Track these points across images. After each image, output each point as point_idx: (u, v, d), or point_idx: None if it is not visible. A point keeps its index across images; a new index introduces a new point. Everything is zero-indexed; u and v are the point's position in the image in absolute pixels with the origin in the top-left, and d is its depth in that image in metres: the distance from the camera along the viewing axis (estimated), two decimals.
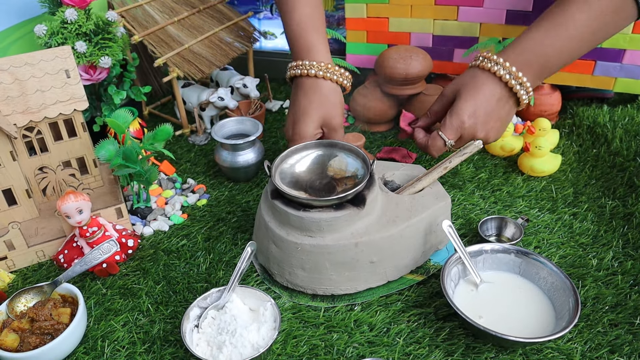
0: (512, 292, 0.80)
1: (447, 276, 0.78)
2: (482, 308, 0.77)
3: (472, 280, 0.81)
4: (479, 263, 0.83)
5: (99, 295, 0.87)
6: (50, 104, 0.93)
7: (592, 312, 0.80)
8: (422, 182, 0.89)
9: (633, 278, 0.84)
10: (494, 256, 0.83)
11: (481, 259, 0.83)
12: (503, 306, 0.78)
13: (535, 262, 0.81)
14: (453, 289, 0.79)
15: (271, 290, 0.86)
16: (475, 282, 0.81)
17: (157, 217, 1.03)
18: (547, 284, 0.79)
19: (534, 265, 0.81)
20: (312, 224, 0.79)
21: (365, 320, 0.80)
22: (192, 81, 1.34)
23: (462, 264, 0.81)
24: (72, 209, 0.87)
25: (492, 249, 0.83)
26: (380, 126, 1.30)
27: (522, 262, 0.82)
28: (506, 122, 0.98)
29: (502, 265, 0.83)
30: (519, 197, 1.04)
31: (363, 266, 0.81)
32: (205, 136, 1.31)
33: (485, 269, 0.83)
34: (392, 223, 0.83)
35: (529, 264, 0.81)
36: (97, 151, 0.93)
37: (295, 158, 0.89)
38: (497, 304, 0.78)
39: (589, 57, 1.19)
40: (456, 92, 0.97)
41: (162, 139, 0.98)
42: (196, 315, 0.78)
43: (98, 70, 1.09)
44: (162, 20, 1.27)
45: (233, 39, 1.37)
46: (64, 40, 1.04)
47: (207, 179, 1.16)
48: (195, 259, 0.94)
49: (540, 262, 0.80)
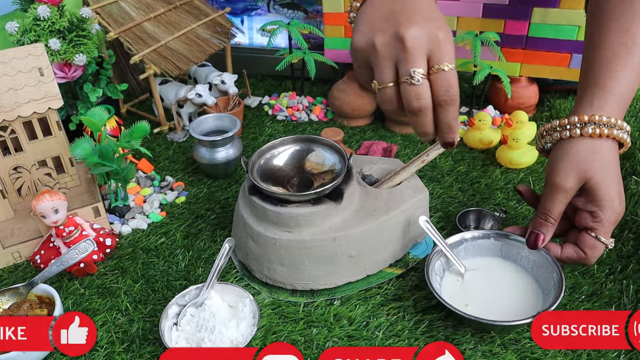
0: (497, 275, 0.81)
1: (432, 271, 0.79)
2: (469, 296, 0.78)
3: (456, 271, 0.81)
4: (460, 252, 0.83)
5: (76, 296, 0.86)
6: (24, 102, 0.92)
7: (569, 301, 0.81)
8: (400, 175, 0.89)
9: (608, 267, 0.86)
10: (474, 243, 0.84)
11: (462, 248, 0.84)
12: (490, 291, 0.79)
13: (514, 243, 0.82)
14: (440, 283, 0.80)
15: (250, 286, 0.86)
16: (460, 271, 0.81)
17: (135, 216, 1.02)
18: (530, 262, 0.80)
19: (514, 246, 0.82)
20: (290, 219, 0.79)
21: (345, 314, 0.80)
22: (169, 78, 1.33)
23: (444, 256, 0.82)
24: (48, 208, 0.86)
25: (472, 236, 0.84)
26: (358, 120, 1.30)
27: (502, 244, 0.83)
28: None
29: (484, 250, 0.84)
30: (497, 189, 1.05)
31: (342, 261, 0.81)
32: (183, 133, 1.30)
33: (467, 256, 0.84)
34: (370, 217, 0.83)
35: (509, 245, 0.82)
36: (72, 150, 0.92)
37: (273, 153, 0.89)
38: (483, 290, 0.79)
39: (565, 50, 1.21)
40: (584, 180, 0.73)
41: (139, 136, 0.97)
42: (175, 313, 0.78)
43: (73, 67, 1.07)
44: (138, 17, 1.26)
45: (210, 35, 1.36)
46: (37, 38, 1.02)
47: (186, 176, 1.15)
48: (174, 256, 0.93)
49: (519, 242, 0.81)
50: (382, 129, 1.29)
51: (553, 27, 1.19)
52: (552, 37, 1.20)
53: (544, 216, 0.76)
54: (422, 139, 0.65)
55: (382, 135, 1.26)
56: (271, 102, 1.42)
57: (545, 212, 0.75)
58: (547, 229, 0.76)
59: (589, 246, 0.74)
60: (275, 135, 1.29)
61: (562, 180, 0.73)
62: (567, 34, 1.18)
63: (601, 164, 0.73)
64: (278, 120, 1.36)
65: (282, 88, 1.52)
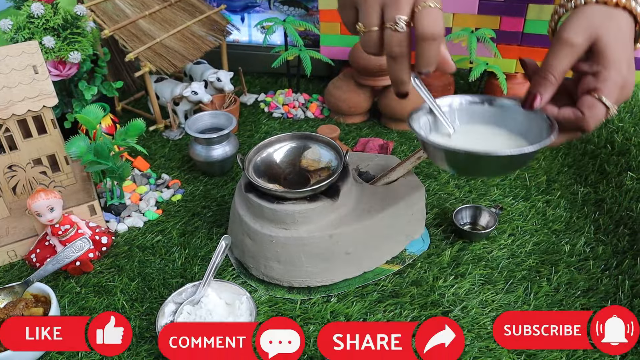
0: (488, 138, 0.71)
1: (416, 122, 0.69)
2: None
3: (445, 132, 0.71)
4: (451, 116, 0.73)
5: (72, 294, 0.86)
6: (18, 100, 0.91)
7: (565, 297, 0.81)
8: (397, 172, 0.89)
9: (604, 263, 0.86)
10: (467, 108, 0.73)
11: (453, 111, 0.73)
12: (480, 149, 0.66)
13: (509, 107, 0.71)
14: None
15: (247, 284, 0.86)
16: (449, 132, 0.70)
17: (131, 214, 1.02)
18: (524, 127, 0.70)
19: (508, 110, 0.71)
20: (286, 216, 0.79)
21: (342, 311, 0.80)
22: (165, 76, 1.32)
23: (432, 114, 0.71)
24: (43, 207, 0.86)
25: (465, 100, 0.73)
26: (354, 117, 1.30)
27: (497, 110, 0.72)
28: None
29: (476, 116, 0.73)
30: (493, 185, 1.05)
31: (338, 257, 0.81)
32: (179, 131, 1.30)
33: (459, 121, 0.73)
34: (367, 214, 0.83)
35: (504, 110, 0.71)
36: (67, 148, 0.92)
37: (269, 151, 0.89)
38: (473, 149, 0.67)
39: None
40: (594, 38, 0.66)
41: (135, 134, 0.96)
42: (171, 311, 0.77)
43: (68, 65, 1.07)
44: (133, 14, 1.25)
45: (206, 32, 1.36)
46: (30, 35, 1.02)
47: (182, 174, 1.15)
48: (170, 254, 0.93)
49: (515, 106, 0.70)
50: (378, 125, 1.29)
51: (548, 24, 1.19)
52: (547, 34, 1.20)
53: (544, 73, 0.67)
54: (396, 89, 0.64)
55: (378, 132, 1.26)
56: (267, 100, 1.42)
57: (548, 68, 0.67)
58: (547, 88, 0.67)
59: (587, 105, 0.65)
60: (271, 132, 1.29)
61: (571, 35, 0.66)
62: None
63: (615, 29, 0.66)
64: (274, 117, 1.36)
65: (278, 85, 1.52)
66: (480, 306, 0.80)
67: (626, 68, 0.66)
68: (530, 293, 0.82)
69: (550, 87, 0.67)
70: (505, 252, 0.89)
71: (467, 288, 0.83)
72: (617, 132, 1.07)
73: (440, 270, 0.86)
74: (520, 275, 0.85)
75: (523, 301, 0.81)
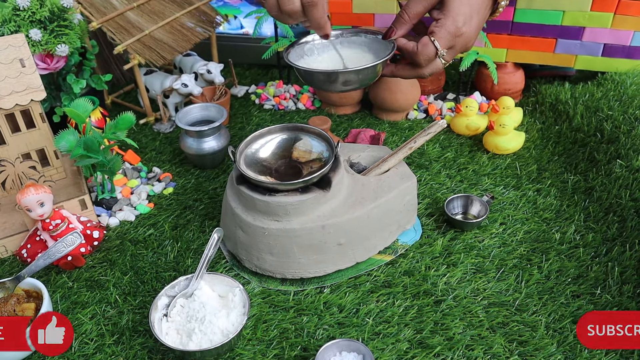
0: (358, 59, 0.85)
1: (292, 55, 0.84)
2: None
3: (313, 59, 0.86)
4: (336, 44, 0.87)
5: (64, 289, 0.85)
6: (5, 94, 0.91)
7: (556, 284, 0.82)
8: (388, 162, 0.89)
9: (594, 250, 0.87)
10: (347, 39, 0.88)
11: (338, 41, 0.87)
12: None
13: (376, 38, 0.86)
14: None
15: (240, 276, 0.86)
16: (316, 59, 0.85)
17: (122, 208, 1.01)
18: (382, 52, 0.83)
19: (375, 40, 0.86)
20: (279, 208, 0.79)
21: (335, 302, 0.80)
22: (154, 68, 1.32)
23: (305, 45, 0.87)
24: (33, 202, 0.85)
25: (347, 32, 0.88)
26: (346, 108, 1.30)
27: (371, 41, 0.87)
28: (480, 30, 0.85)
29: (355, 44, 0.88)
30: (485, 175, 1.06)
31: (331, 248, 0.82)
32: (170, 124, 1.29)
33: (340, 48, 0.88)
34: (359, 204, 0.83)
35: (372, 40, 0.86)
36: (56, 142, 0.91)
37: (260, 142, 0.89)
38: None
39: (551, 35, 1.21)
40: None
41: (124, 127, 0.96)
42: (165, 304, 0.77)
43: (55, 58, 1.06)
44: (121, 6, 1.24)
45: (195, 23, 1.35)
46: (17, 28, 1.00)
47: (173, 167, 1.15)
48: (162, 248, 0.93)
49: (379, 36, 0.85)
50: (369, 116, 1.29)
51: (538, 13, 1.19)
52: (537, 23, 1.20)
53: (401, 13, 0.82)
54: (321, 32, 0.78)
55: (369, 123, 1.26)
56: (258, 91, 1.41)
57: (405, 9, 0.81)
58: (400, 25, 0.82)
59: (422, 43, 0.79)
60: (262, 124, 1.29)
61: None
62: (552, 19, 1.19)
63: None
64: (265, 109, 1.35)
65: (269, 77, 1.51)
66: (472, 294, 0.81)
67: (462, 21, 0.78)
68: (522, 281, 0.83)
69: (404, 25, 0.82)
70: (496, 240, 0.90)
71: (459, 277, 0.83)
72: (607, 121, 1.08)
73: (432, 260, 0.87)
74: (511, 263, 0.86)
75: (514, 289, 0.81)
